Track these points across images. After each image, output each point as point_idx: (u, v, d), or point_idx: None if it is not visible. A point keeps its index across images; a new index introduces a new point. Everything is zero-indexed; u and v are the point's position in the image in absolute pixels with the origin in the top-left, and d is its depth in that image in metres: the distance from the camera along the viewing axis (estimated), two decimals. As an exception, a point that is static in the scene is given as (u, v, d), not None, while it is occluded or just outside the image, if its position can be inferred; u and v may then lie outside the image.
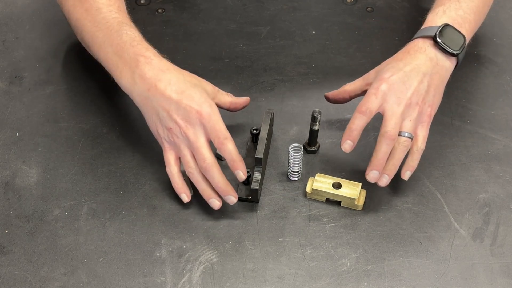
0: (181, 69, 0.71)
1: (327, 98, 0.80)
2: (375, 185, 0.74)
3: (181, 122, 0.67)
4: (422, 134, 0.70)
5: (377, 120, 0.80)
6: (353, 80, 0.78)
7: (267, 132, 0.73)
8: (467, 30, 0.74)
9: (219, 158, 0.77)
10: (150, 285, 0.65)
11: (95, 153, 0.78)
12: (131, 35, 0.72)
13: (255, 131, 0.78)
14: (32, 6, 0.97)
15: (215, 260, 0.67)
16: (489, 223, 0.71)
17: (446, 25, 0.72)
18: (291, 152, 0.72)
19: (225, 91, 0.76)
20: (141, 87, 0.69)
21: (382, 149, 0.68)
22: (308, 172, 0.76)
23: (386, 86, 0.69)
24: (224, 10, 0.97)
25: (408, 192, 0.74)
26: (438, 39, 0.71)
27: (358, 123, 0.68)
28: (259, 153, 0.70)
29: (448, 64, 0.72)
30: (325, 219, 0.71)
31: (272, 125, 0.79)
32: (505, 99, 0.85)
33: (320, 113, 0.73)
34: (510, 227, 0.71)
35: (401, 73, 0.69)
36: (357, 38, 0.93)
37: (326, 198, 0.73)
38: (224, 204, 0.72)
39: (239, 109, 0.77)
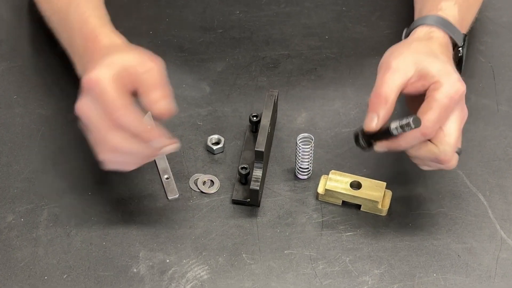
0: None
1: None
2: (403, 185, 0.73)
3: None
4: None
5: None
6: (376, 56, 0.73)
7: (269, 119, 0.72)
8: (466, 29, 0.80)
9: (211, 152, 0.76)
10: (125, 308, 0.66)
11: (58, 145, 0.77)
12: (79, 12, 0.73)
13: (255, 118, 0.76)
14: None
15: (205, 277, 0.66)
16: (544, 232, 0.72)
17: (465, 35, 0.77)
18: (300, 144, 0.71)
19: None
20: None
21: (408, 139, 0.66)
22: (320, 168, 0.75)
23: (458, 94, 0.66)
24: (217, -31, 0.98)
25: (444, 193, 0.73)
26: (462, 49, 0.75)
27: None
28: (260, 146, 0.70)
29: None
30: (341, 227, 0.70)
31: (276, 111, 0.78)
32: (562, 78, 0.86)
33: None
34: None
35: (456, 75, 0.67)
36: (380, 3, 0.93)
37: (343, 201, 0.72)
38: (217, 208, 0.71)
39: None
